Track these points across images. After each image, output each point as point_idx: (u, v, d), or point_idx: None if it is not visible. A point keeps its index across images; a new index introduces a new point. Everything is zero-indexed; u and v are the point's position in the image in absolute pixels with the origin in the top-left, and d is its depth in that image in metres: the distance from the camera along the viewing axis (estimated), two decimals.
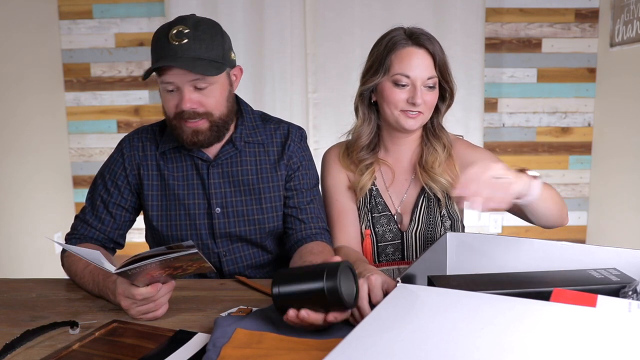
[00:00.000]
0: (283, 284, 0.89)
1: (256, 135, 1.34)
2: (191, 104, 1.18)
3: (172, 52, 1.14)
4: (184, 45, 1.14)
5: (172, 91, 1.19)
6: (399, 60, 1.26)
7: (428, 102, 1.28)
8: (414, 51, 1.26)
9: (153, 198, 1.31)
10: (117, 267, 0.95)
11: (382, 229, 1.35)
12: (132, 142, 1.33)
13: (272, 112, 1.49)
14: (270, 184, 1.32)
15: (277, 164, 1.33)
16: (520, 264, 1.14)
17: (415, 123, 1.29)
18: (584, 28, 3.03)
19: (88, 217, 1.32)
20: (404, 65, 1.26)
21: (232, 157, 1.31)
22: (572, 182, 3.17)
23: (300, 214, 1.32)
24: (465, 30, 2.95)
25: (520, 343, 0.67)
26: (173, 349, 0.88)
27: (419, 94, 1.25)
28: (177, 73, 1.15)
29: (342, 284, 0.86)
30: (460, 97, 2.99)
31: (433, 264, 1.12)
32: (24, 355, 0.89)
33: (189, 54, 1.15)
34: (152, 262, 0.92)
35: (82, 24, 3.11)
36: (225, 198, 1.30)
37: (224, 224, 1.31)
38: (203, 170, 1.30)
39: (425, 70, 1.26)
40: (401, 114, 1.28)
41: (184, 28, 1.15)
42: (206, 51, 1.17)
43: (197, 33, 1.16)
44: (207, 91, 1.19)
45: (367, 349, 0.65)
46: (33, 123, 2.90)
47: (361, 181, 1.35)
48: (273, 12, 2.96)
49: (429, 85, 1.27)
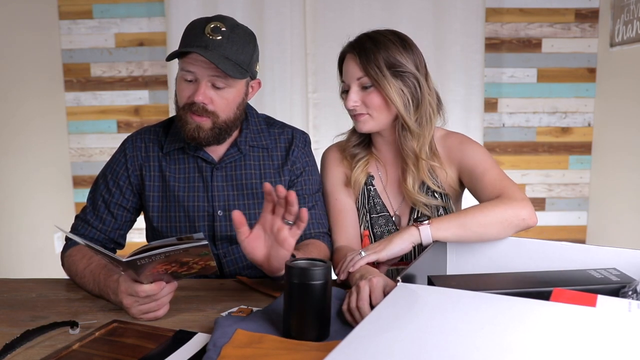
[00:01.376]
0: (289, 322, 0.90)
1: (261, 140, 1.35)
2: (203, 98, 1.19)
3: (204, 42, 1.16)
4: (217, 41, 1.17)
5: (189, 81, 1.21)
6: (342, 68, 1.32)
7: (368, 103, 1.27)
8: (347, 57, 1.30)
9: (154, 199, 1.31)
10: (127, 256, 0.95)
11: (381, 230, 1.35)
12: (135, 142, 1.34)
13: (272, 112, 1.50)
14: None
15: (280, 169, 1.33)
16: (520, 264, 1.15)
17: (364, 125, 1.30)
18: (584, 28, 3.03)
19: (89, 217, 1.32)
20: (343, 72, 1.31)
21: (237, 161, 1.32)
22: (572, 182, 3.17)
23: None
24: (465, 30, 2.94)
25: (520, 343, 0.67)
26: (173, 349, 0.88)
27: (351, 97, 1.27)
28: (200, 64, 1.17)
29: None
30: (460, 97, 3.00)
31: (433, 264, 1.12)
32: (24, 355, 0.89)
33: (220, 51, 1.17)
34: (162, 252, 0.92)
35: (82, 24, 3.11)
36: (227, 201, 1.31)
37: (226, 227, 1.31)
38: (207, 173, 1.30)
39: (353, 71, 1.27)
40: (353, 117, 1.32)
41: (221, 25, 1.18)
42: (236, 54, 1.19)
43: (233, 35, 1.19)
44: (223, 92, 1.21)
45: (367, 349, 0.65)
46: (33, 123, 2.90)
47: (354, 175, 1.35)
48: (273, 12, 2.96)
49: (364, 85, 1.27)
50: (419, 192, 1.31)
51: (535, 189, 3.19)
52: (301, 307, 0.88)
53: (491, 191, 1.21)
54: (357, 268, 1.08)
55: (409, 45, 1.29)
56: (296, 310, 0.88)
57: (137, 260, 0.93)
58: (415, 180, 1.32)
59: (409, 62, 1.26)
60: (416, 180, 1.32)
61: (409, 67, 1.26)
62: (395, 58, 1.25)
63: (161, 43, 3.09)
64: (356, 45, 1.27)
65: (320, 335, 0.89)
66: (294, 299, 0.88)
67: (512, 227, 1.14)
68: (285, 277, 0.89)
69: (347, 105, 1.29)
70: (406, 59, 1.26)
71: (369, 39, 1.27)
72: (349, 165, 1.38)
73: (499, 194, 1.19)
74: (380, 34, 1.28)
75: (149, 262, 0.94)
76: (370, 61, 1.24)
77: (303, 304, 0.88)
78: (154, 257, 0.93)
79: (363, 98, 1.27)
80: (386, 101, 1.26)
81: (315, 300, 0.87)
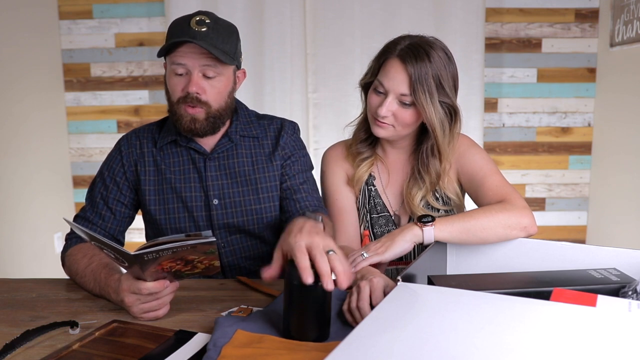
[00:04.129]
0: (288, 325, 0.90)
1: (251, 130, 1.38)
2: (197, 88, 1.23)
3: (191, 34, 1.20)
4: (203, 32, 1.21)
5: (180, 75, 1.24)
6: (384, 68, 1.25)
7: (399, 117, 1.25)
8: (397, 64, 1.22)
9: (150, 192, 1.34)
10: (135, 250, 0.95)
11: (381, 230, 1.35)
12: (130, 140, 1.37)
13: (272, 112, 1.51)
14: (266, 174, 1.35)
15: (272, 155, 1.36)
16: (520, 264, 1.15)
17: (385, 132, 1.27)
18: (584, 28, 3.03)
19: (88, 215, 1.34)
20: (384, 74, 1.24)
21: (229, 150, 1.35)
22: (572, 182, 3.17)
23: (294, 194, 1.35)
24: (465, 30, 2.94)
25: (520, 342, 0.67)
26: (173, 349, 0.89)
27: (386, 105, 1.23)
28: (191, 55, 1.21)
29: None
30: (461, 97, 2.97)
31: (433, 264, 1.12)
32: (24, 355, 0.89)
33: (207, 40, 1.20)
34: (170, 248, 0.92)
35: (82, 24, 3.11)
36: (222, 190, 1.33)
37: (222, 215, 1.33)
38: (200, 164, 1.33)
39: (400, 85, 1.22)
40: (373, 119, 1.28)
41: (205, 18, 1.22)
42: (222, 44, 1.23)
43: (217, 26, 1.23)
44: (214, 81, 1.25)
45: (368, 349, 0.65)
46: (33, 123, 2.90)
47: (357, 173, 1.35)
48: (273, 12, 2.96)
49: (404, 102, 1.23)
50: (423, 208, 1.32)
51: (535, 189, 3.19)
52: (301, 308, 0.88)
53: (493, 197, 1.21)
54: (359, 269, 1.08)
55: (452, 63, 1.26)
56: (296, 310, 0.88)
57: (145, 255, 0.93)
58: (423, 196, 1.32)
59: (451, 87, 1.25)
60: (424, 197, 1.32)
61: (450, 96, 1.25)
62: (443, 85, 1.22)
63: (161, 43, 3.08)
64: (409, 57, 1.21)
65: (321, 336, 0.89)
66: (294, 299, 0.88)
67: (513, 233, 1.14)
68: (285, 278, 0.89)
69: (377, 110, 1.24)
70: (449, 83, 1.24)
71: (426, 55, 1.21)
72: (352, 163, 1.38)
73: (501, 200, 1.19)
74: (433, 50, 1.22)
75: (155, 258, 0.94)
76: (422, 83, 1.20)
77: (303, 304, 0.88)
78: (161, 252, 0.93)
79: (396, 111, 1.24)
80: (416, 120, 1.26)
81: (315, 301, 0.87)
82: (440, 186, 1.32)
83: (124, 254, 0.95)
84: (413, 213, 1.33)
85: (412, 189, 1.32)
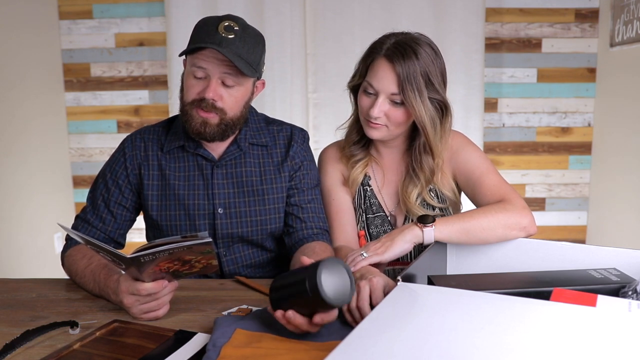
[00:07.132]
0: (276, 283, 0.90)
1: (260, 137, 1.35)
2: (214, 95, 1.20)
3: (217, 39, 1.17)
4: (230, 39, 1.17)
5: (199, 78, 1.21)
6: (371, 68, 1.25)
7: (391, 117, 1.24)
8: (384, 64, 1.21)
9: (153, 198, 1.32)
10: (131, 253, 0.95)
11: (377, 230, 1.35)
12: (135, 141, 1.34)
13: (272, 112, 1.50)
14: (273, 185, 1.33)
15: (280, 165, 1.34)
16: (520, 264, 1.15)
17: (378, 134, 1.27)
18: (584, 28, 3.03)
19: (89, 217, 1.32)
20: (372, 75, 1.24)
21: (237, 158, 1.32)
22: (572, 182, 3.17)
23: (301, 213, 1.33)
24: (465, 30, 2.94)
25: (520, 342, 0.67)
26: (173, 349, 0.89)
27: (377, 106, 1.22)
28: (213, 61, 1.18)
29: (325, 281, 0.83)
30: (460, 97, 2.99)
31: (433, 264, 1.12)
32: (24, 355, 0.89)
33: (232, 49, 1.17)
34: (166, 250, 0.92)
35: (82, 24, 3.11)
36: (228, 199, 1.31)
37: (226, 225, 1.31)
38: (207, 171, 1.31)
39: (389, 85, 1.21)
40: (366, 121, 1.28)
41: (234, 25, 1.19)
42: (247, 53, 1.19)
43: (245, 35, 1.19)
44: (232, 90, 1.22)
45: (367, 349, 0.65)
46: (33, 123, 2.90)
47: (352, 174, 1.35)
48: (273, 12, 2.96)
49: (395, 101, 1.23)
50: (419, 206, 1.32)
51: (535, 189, 3.19)
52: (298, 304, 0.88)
53: (491, 197, 1.21)
54: (358, 268, 1.08)
55: (439, 57, 1.25)
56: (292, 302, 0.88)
57: (141, 257, 0.93)
58: (419, 193, 1.32)
59: (440, 82, 1.24)
60: (419, 194, 1.32)
61: (440, 92, 1.24)
62: (432, 81, 1.22)
63: (161, 43, 3.08)
64: (396, 56, 1.20)
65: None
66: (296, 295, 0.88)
67: (513, 233, 1.15)
68: (300, 275, 0.89)
69: (369, 112, 1.24)
70: (438, 79, 1.23)
71: (413, 52, 1.20)
72: (347, 164, 1.38)
73: (500, 199, 1.19)
74: (419, 46, 1.21)
75: (152, 260, 0.94)
76: (410, 82, 1.19)
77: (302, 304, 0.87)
78: (157, 254, 0.93)
79: (388, 111, 1.24)
80: (409, 118, 1.25)
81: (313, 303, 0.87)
82: (435, 183, 1.32)
83: (121, 257, 0.95)
84: (409, 212, 1.32)
85: (408, 187, 1.32)
